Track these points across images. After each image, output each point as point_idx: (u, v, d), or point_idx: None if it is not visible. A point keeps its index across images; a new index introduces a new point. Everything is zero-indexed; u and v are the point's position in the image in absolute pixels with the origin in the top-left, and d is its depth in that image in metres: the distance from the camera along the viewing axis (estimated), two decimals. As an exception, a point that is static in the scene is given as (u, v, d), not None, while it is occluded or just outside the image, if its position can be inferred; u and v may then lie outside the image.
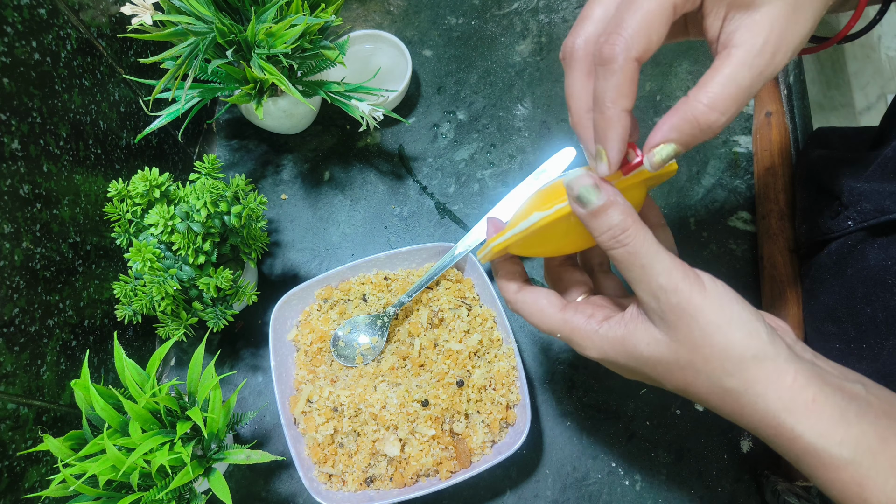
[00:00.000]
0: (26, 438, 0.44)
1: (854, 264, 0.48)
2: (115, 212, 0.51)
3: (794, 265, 0.57)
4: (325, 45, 0.54)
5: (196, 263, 0.50)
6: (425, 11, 0.75)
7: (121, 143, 0.56)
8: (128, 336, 0.57)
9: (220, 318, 0.53)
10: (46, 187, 0.47)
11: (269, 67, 0.51)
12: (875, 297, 0.45)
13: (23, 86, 0.44)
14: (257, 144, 0.69)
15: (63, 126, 0.49)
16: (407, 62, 0.67)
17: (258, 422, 0.58)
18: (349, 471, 0.50)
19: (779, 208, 0.59)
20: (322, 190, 0.67)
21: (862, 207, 0.47)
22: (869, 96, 0.85)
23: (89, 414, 0.44)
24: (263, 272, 0.64)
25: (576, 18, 0.36)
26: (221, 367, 0.59)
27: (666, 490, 0.53)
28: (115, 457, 0.41)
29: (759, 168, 0.62)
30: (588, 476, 0.54)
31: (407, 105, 0.70)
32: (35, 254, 0.45)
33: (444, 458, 0.50)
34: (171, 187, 0.52)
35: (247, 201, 0.53)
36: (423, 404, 0.50)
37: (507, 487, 0.54)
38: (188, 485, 0.45)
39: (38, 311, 0.45)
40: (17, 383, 0.43)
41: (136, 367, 0.46)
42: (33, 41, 0.45)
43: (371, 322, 0.56)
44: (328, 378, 0.54)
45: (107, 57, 0.54)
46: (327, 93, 0.57)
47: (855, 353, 0.46)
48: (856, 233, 0.48)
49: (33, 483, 0.44)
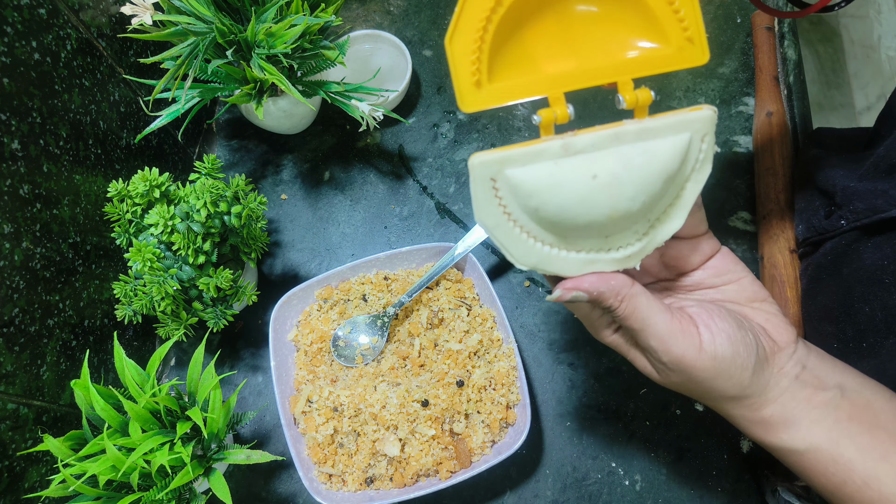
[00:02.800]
0: (26, 438, 0.44)
1: (850, 264, 0.48)
2: (115, 212, 0.51)
3: (795, 265, 0.57)
4: (324, 45, 0.54)
5: (196, 263, 0.50)
6: (425, 11, 0.75)
7: (121, 143, 0.56)
8: (128, 336, 0.57)
9: (220, 318, 0.53)
10: (46, 187, 0.47)
11: (269, 67, 0.51)
12: (873, 296, 0.45)
13: (23, 86, 0.44)
14: (257, 144, 0.69)
15: (63, 126, 0.49)
16: (407, 62, 0.67)
17: (258, 422, 0.58)
18: (349, 471, 0.50)
19: (779, 208, 0.58)
20: (322, 190, 0.67)
21: (855, 207, 0.47)
22: (869, 96, 0.85)
23: (89, 414, 0.44)
24: (263, 272, 0.64)
25: None
26: (221, 367, 0.59)
27: (666, 490, 0.53)
28: (115, 457, 0.41)
29: (760, 168, 0.62)
30: (588, 476, 0.54)
31: (407, 105, 0.70)
32: (35, 254, 0.45)
33: (444, 458, 0.50)
34: (171, 187, 0.52)
35: (247, 201, 0.53)
36: (423, 404, 0.50)
37: (507, 487, 0.54)
38: (188, 485, 0.45)
39: (38, 311, 0.45)
40: (18, 383, 0.43)
41: (136, 367, 0.46)
42: (33, 41, 0.45)
43: (371, 322, 0.56)
44: (328, 378, 0.54)
45: (107, 57, 0.54)
46: (327, 93, 0.57)
47: (854, 351, 0.46)
48: (850, 232, 0.48)
49: (33, 483, 0.44)
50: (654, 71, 0.31)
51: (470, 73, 0.30)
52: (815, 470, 0.34)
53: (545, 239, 0.32)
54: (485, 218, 0.31)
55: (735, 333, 0.33)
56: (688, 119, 0.30)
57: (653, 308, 0.33)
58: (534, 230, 0.32)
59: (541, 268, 0.33)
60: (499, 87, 0.31)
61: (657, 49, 0.31)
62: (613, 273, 0.33)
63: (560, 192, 0.30)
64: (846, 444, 0.33)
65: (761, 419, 0.35)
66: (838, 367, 0.36)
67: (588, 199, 0.30)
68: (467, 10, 0.29)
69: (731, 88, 0.68)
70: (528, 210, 0.31)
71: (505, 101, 0.31)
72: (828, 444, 0.33)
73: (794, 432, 0.34)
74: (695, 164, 0.32)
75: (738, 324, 0.34)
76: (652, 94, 0.31)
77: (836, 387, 0.34)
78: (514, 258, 0.33)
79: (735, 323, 0.34)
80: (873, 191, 0.46)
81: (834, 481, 0.34)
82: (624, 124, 0.30)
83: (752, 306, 0.36)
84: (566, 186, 0.30)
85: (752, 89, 0.67)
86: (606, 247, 0.33)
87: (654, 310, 0.33)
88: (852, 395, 0.34)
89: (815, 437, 0.34)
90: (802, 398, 0.34)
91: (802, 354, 0.35)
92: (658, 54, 0.31)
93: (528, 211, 0.31)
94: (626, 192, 0.30)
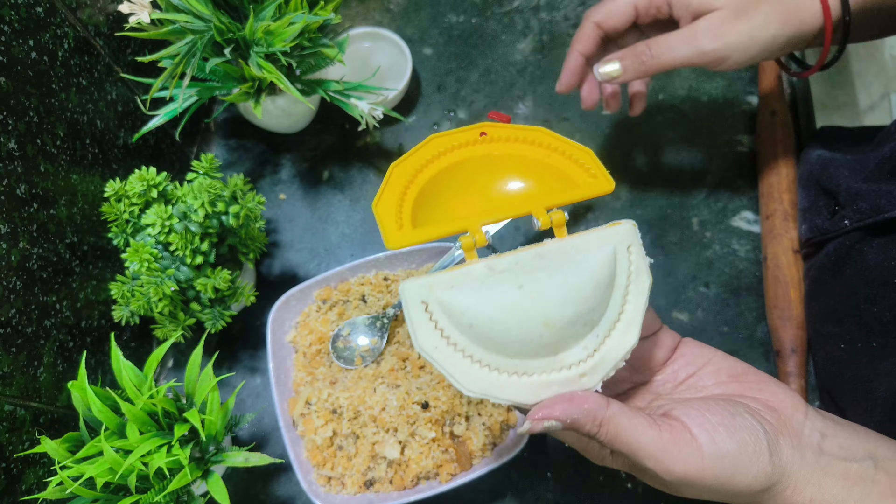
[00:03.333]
0: (23, 440, 0.43)
1: (853, 265, 0.48)
2: (112, 212, 0.51)
3: (799, 266, 0.56)
4: (324, 44, 0.54)
5: (194, 264, 0.50)
6: (425, 9, 0.74)
7: (118, 142, 0.56)
8: (125, 337, 0.56)
9: (218, 319, 0.53)
10: (43, 187, 0.46)
11: (268, 66, 0.51)
12: (880, 296, 0.45)
13: (19, 85, 0.44)
14: (255, 144, 0.69)
15: (60, 125, 0.48)
16: (407, 60, 0.66)
17: (256, 424, 0.58)
18: (348, 473, 0.50)
19: (783, 208, 0.58)
20: (321, 189, 0.67)
21: (858, 207, 0.47)
22: (872, 95, 0.85)
23: (86, 416, 0.44)
24: (262, 273, 0.63)
25: (577, 16, 0.39)
26: (219, 368, 0.59)
27: (667, 493, 0.53)
28: (113, 459, 0.40)
29: (763, 167, 0.61)
30: (589, 479, 0.54)
31: (407, 104, 0.70)
32: (32, 254, 0.45)
33: (444, 460, 0.49)
34: (168, 187, 0.51)
35: (245, 201, 0.52)
36: (424, 406, 0.50)
37: (508, 490, 0.54)
38: (186, 487, 0.44)
39: (35, 311, 0.45)
40: (14, 385, 0.43)
41: (133, 369, 0.45)
42: (30, 40, 0.45)
43: (370, 323, 0.55)
44: (327, 380, 0.54)
45: (104, 55, 0.54)
46: (326, 91, 0.57)
47: (863, 352, 0.46)
48: (853, 233, 0.48)
49: (30, 485, 0.44)
50: (565, 202, 0.35)
51: (395, 224, 0.34)
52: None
53: (491, 362, 0.31)
54: (423, 342, 0.31)
55: (731, 421, 0.30)
56: (608, 234, 0.33)
57: (636, 427, 0.30)
58: (476, 353, 0.31)
59: (493, 395, 0.31)
60: (419, 231, 0.34)
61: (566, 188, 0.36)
62: (586, 395, 0.31)
63: (490, 304, 0.31)
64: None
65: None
66: (862, 434, 0.33)
67: (518, 307, 0.31)
68: (390, 184, 0.35)
69: (735, 87, 0.67)
70: (462, 328, 0.31)
71: (424, 241, 0.34)
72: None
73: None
74: (629, 275, 0.33)
75: (729, 411, 0.31)
76: (565, 215, 0.33)
77: (868, 457, 0.32)
78: (460, 384, 0.31)
79: (727, 411, 0.31)
80: (877, 191, 0.45)
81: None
82: (545, 244, 0.32)
83: (739, 381, 0.34)
84: (495, 297, 0.31)
85: (756, 88, 0.67)
86: (558, 366, 0.32)
87: (639, 429, 0.30)
88: (887, 465, 0.31)
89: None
90: (837, 475, 0.31)
91: (817, 420, 0.33)
92: (568, 190, 0.35)
93: (464, 329, 0.31)
94: (555, 296, 0.31)
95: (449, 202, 0.36)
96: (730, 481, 0.30)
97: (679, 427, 0.30)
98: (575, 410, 0.30)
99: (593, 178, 0.35)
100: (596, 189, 0.35)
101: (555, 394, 0.32)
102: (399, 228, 0.33)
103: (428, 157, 0.36)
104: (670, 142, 0.66)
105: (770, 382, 0.34)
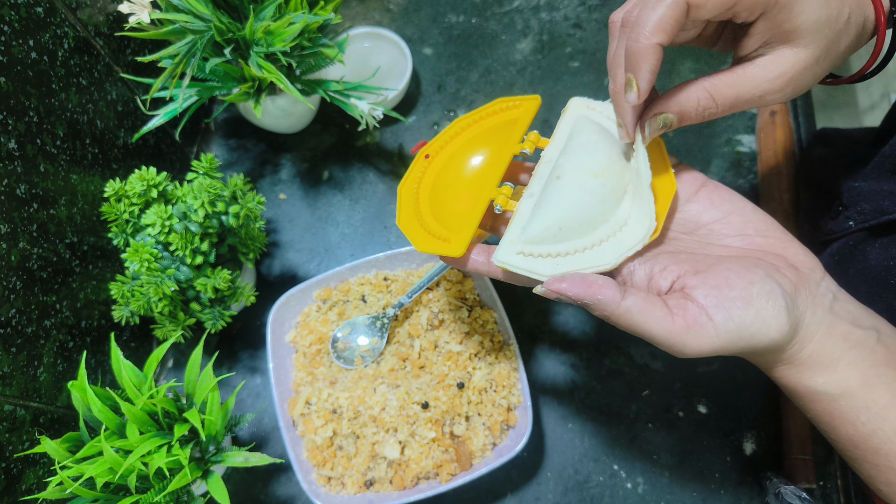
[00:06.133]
0: (23, 440, 0.43)
1: (855, 265, 0.48)
2: (112, 212, 0.51)
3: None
4: (324, 43, 0.54)
5: (194, 264, 0.50)
6: (425, 9, 0.74)
7: (118, 142, 0.56)
8: (125, 337, 0.56)
9: (217, 319, 0.53)
10: (43, 187, 0.46)
11: (268, 66, 0.51)
12: (878, 297, 0.45)
13: (20, 85, 0.44)
14: (255, 143, 0.69)
15: (60, 125, 0.48)
16: (407, 60, 0.66)
17: (256, 424, 0.58)
18: (348, 473, 0.50)
19: (783, 208, 0.58)
20: (321, 189, 0.67)
21: (861, 208, 0.47)
22: (872, 95, 0.85)
23: (86, 416, 0.44)
24: (262, 273, 0.63)
25: (577, 16, 0.38)
26: (219, 368, 0.59)
27: (668, 493, 0.53)
28: (113, 459, 0.40)
29: (763, 167, 0.61)
30: (590, 479, 0.54)
31: (407, 104, 0.70)
32: (32, 254, 0.45)
33: (444, 460, 0.49)
34: (168, 187, 0.51)
35: (245, 201, 0.52)
36: (424, 406, 0.50)
37: (508, 490, 0.54)
38: (186, 487, 0.44)
39: (35, 311, 0.45)
40: (14, 385, 0.43)
41: (133, 369, 0.45)
42: (30, 40, 0.45)
43: (370, 323, 0.55)
44: (327, 380, 0.54)
45: (104, 55, 0.54)
46: (326, 91, 0.57)
47: None
48: (856, 233, 0.48)
49: (30, 485, 0.44)
50: (518, 136, 0.40)
51: (426, 234, 0.38)
52: (845, 418, 0.32)
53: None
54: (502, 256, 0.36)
55: (748, 291, 0.31)
56: (569, 116, 0.40)
57: (649, 321, 0.31)
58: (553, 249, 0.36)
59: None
60: (465, 229, 0.37)
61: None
62: (603, 284, 0.32)
63: (555, 202, 0.36)
64: (882, 390, 0.31)
65: (800, 360, 0.32)
66: (870, 311, 0.34)
67: (572, 183, 0.36)
68: (403, 203, 0.41)
69: (734, 87, 0.67)
70: (551, 239, 0.36)
71: (474, 236, 0.37)
72: (863, 389, 0.32)
73: (830, 374, 0.32)
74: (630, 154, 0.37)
75: (748, 279, 0.31)
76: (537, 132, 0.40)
77: (872, 328, 0.33)
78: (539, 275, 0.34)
79: (746, 280, 0.31)
80: (879, 191, 0.45)
81: (862, 431, 0.32)
82: (544, 157, 0.39)
83: (764, 236, 0.35)
84: (554, 197, 0.36)
85: (755, 88, 0.67)
86: (590, 243, 0.35)
87: (652, 321, 0.31)
88: (888, 341, 0.32)
89: (850, 380, 0.32)
90: (839, 335, 0.32)
91: (832, 283, 0.34)
92: (515, 130, 0.40)
93: (553, 238, 0.36)
94: (587, 157, 0.36)
95: (457, 195, 0.39)
96: (751, 345, 0.31)
97: (695, 310, 0.31)
98: (587, 295, 0.32)
99: (518, 107, 0.41)
100: (526, 112, 0.40)
101: (577, 268, 0.34)
102: (443, 239, 0.37)
103: (421, 169, 0.41)
104: (670, 142, 0.66)
105: (794, 242, 0.35)
